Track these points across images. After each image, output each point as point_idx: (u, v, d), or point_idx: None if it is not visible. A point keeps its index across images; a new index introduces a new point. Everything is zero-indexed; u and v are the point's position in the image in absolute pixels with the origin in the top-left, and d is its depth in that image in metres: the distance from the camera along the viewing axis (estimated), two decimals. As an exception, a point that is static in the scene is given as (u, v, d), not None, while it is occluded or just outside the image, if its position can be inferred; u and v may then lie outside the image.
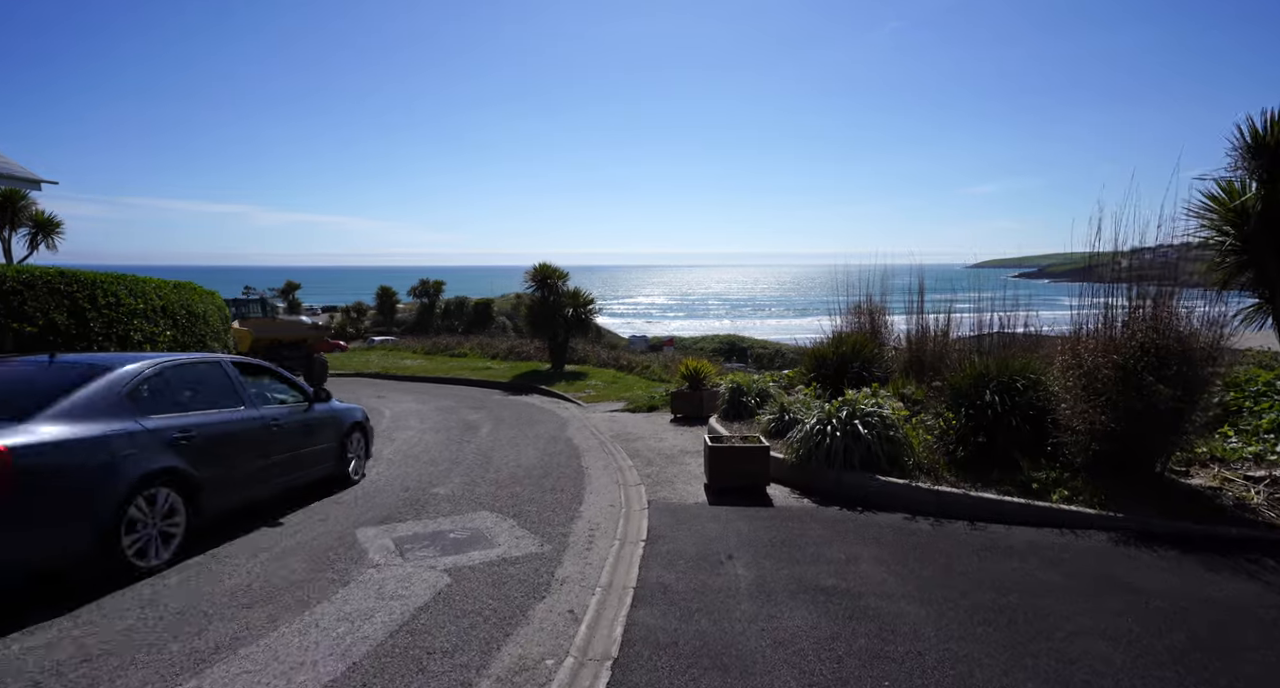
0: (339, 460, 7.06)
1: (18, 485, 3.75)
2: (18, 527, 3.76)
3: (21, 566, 3.89)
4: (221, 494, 5.25)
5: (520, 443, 9.93)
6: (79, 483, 4.10)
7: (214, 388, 5.60)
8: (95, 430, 4.28)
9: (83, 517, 4.08)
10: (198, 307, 10.88)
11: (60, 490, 4.01)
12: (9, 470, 3.72)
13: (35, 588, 4.09)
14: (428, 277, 54.40)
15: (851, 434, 6.75)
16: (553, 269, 21.10)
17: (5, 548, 3.72)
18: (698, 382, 12.47)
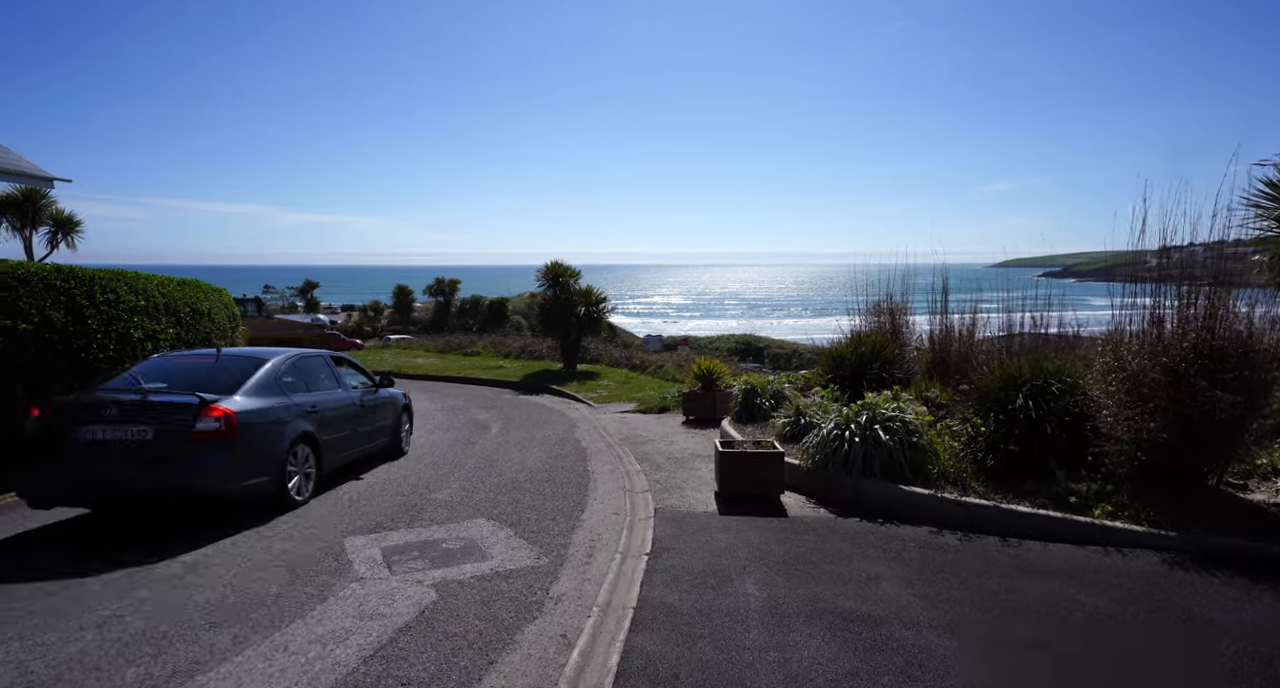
0: (394, 435, 8.73)
1: (239, 436, 5.54)
2: (241, 464, 5.58)
3: (244, 491, 5.64)
4: (333, 454, 7.04)
5: (527, 445, 9.62)
6: (267, 437, 5.92)
7: (321, 375, 7.38)
8: (269, 403, 6.12)
9: (270, 460, 5.90)
10: (202, 304, 10.71)
11: (258, 441, 5.80)
12: (234, 423, 5.54)
13: (244, 511, 5.87)
14: (443, 276, 54.55)
15: (872, 440, 6.34)
16: (565, 267, 20.81)
17: (234, 478, 5.54)
18: (711, 382, 12.09)
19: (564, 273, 20.75)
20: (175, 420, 5.37)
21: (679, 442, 9.90)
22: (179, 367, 6.55)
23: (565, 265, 20.86)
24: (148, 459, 5.26)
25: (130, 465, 5.26)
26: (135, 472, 5.24)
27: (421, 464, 8.24)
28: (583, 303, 20.44)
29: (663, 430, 10.97)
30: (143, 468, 5.25)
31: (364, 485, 7.09)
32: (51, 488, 5.39)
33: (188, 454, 5.30)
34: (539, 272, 20.88)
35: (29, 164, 13.22)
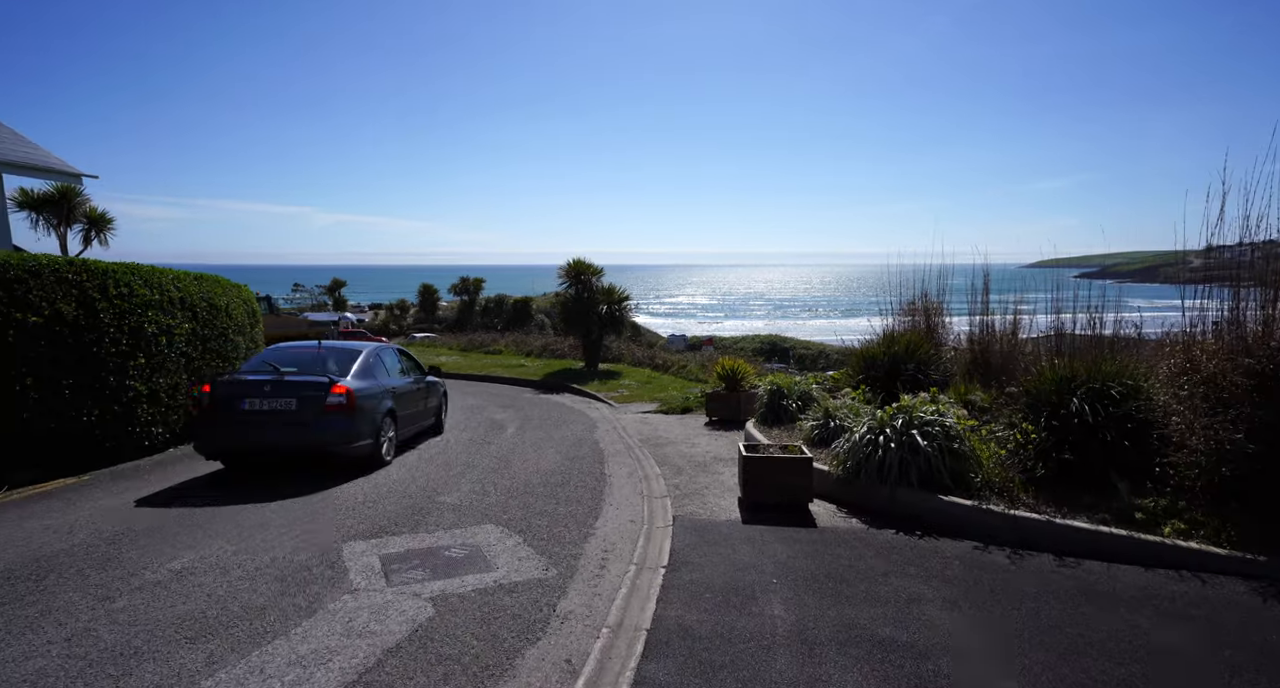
0: (438, 416, 10.41)
1: (356, 407, 7.23)
2: (356, 430, 7.24)
3: (355, 450, 7.31)
4: (404, 427, 8.69)
5: (543, 446, 9.30)
6: (370, 409, 7.53)
7: (394, 364, 8.95)
8: (369, 384, 7.79)
9: (372, 427, 7.53)
10: (220, 300, 10.62)
11: (365, 412, 7.42)
12: (353, 398, 7.22)
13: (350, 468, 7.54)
14: (470, 275, 54.83)
15: (908, 446, 5.87)
16: (587, 265, 20.50)
17: (351, 439, 7.20)
18: (735, 383, 11.65)
19: (586, 271, 20.45)
20: (312, 395, 7.13)
21: (701, 444, 9.49)
22: (291, 355, 8.08)
23: (587, 263, 20.56)
24: (291, 424, 7.07)
25: (278, 428, 7.08)
26: (282, 433, 7.08)
27: (433, 465, 7.97)
28: (605, 301, 20.11)
29: (684, 432, 10.57)
30: (287, 430, 7.08)
31: (371, 485, 6.84)
32: (221, 443, 7.28)
33: (321, 420, 7.08)
34: (560, 269, 20.61)
35: (58, 161, 13.32)
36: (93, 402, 7.81)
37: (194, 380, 9.58)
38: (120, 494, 6.57)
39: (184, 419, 9.49)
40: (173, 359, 9.15)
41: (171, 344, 9.10)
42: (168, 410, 9.09)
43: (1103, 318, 6.43)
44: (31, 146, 13.13)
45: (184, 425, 9.53)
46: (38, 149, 13.18)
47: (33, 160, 12.45)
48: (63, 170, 13.30)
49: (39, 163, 12.66)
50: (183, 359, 9.42)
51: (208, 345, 10.14)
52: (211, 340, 10.27)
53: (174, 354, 9.17)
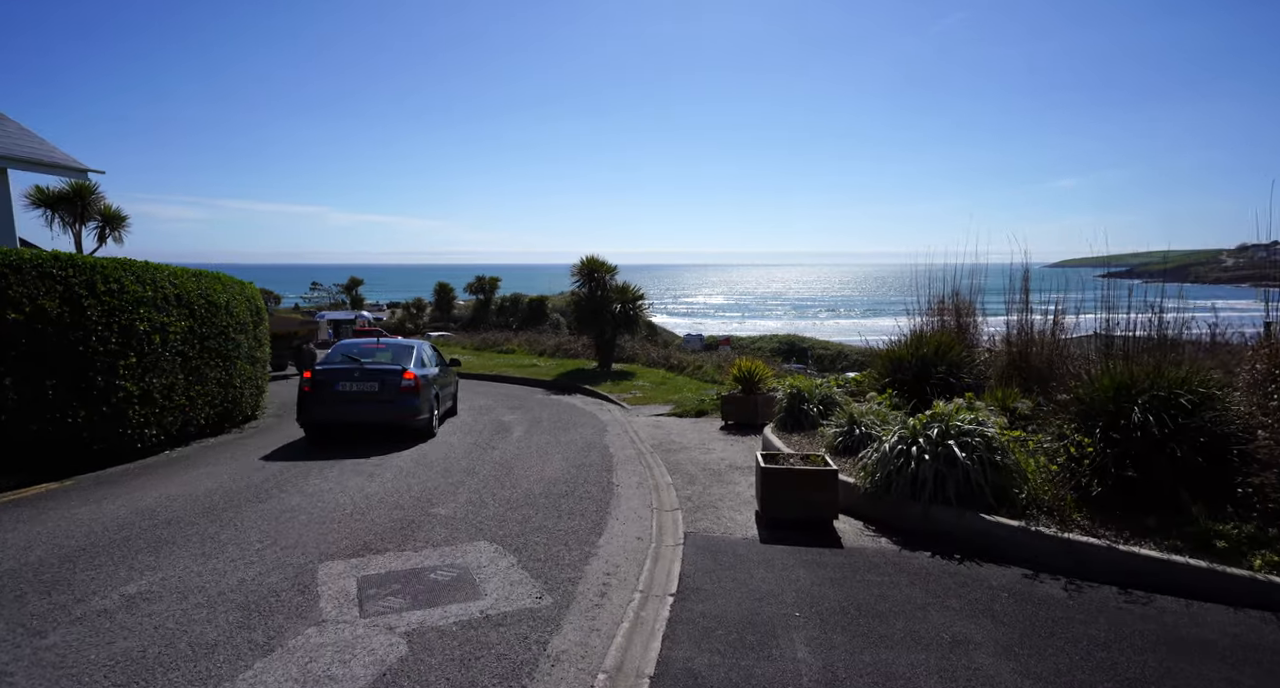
0: (454, 400, 12.28)
1: (419, 389, 9.30)
2: (419, 406, 9.32)
3: (418, 423, 9.41)
4: (440, 406, 10.58)
5: (549, 451, 8.83)
6: (426, 391, 9.54)
7: (430, 356, 10.89)
8: (424, 372, 9.81)
9: (427, 405, 9.56)
10: (219, 297, 10.30)
11: (424, 393, 9.43)
12: (418, 382, 9.33)
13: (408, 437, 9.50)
14: (486, 274, 54.74)
15: (945, 458, 5.30)
16: (600, 263, 20.03)
17: (416, 414, 9.30)
18: (751, 385, 11.09)
19: (599, 268, 19.98)
20: (391, 380, 9.28)
21: (716, 450, 8.96)
22: (361, 349, 10.32)
23: (601, 261, 20.09)
24: (375, 401, 9.23)
25: (365, 405, 9.23)
26: (367, 408, 9.25)
27: (432, 471, 7.53)
28: (619, 300, 19.63)
29: (699, 437, 10.05)
30: (371, 406, 9.25)
31: (362, 495, 6.42)
32: (322, 417, 9.34)
33: (397, 399, 9.25)
34: (573, 267, 20.16)
35: (65, 156, 13.12)
36: (79, 403, 7.48)
37: (191, 379, 9.32)
38: (97, 502, 6.20)
39: (180, 421, 9.21)
40: (167, 358, 8.82)
41: (166, 343, 8.77)
42: (162, 412, 8.76)
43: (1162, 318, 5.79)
44: (39, 142, 12.95)
45: (180, 428, 9.23)
46: (44, 144, 12.99)
47: (40, 156, 12.25)
48: (70, 166, 13.09)
49: (45, 158, 12.45)
50: (178, 358, 9.09)
51: (206, 344, 9.82)
52: (210, 339, 9.95)
53: (169, 353, 8.84)
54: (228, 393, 10.57)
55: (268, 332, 13.83)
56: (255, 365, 11.97)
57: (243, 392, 11.22)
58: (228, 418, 10.78)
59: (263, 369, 12.66)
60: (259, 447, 9.29)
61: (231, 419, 10.96)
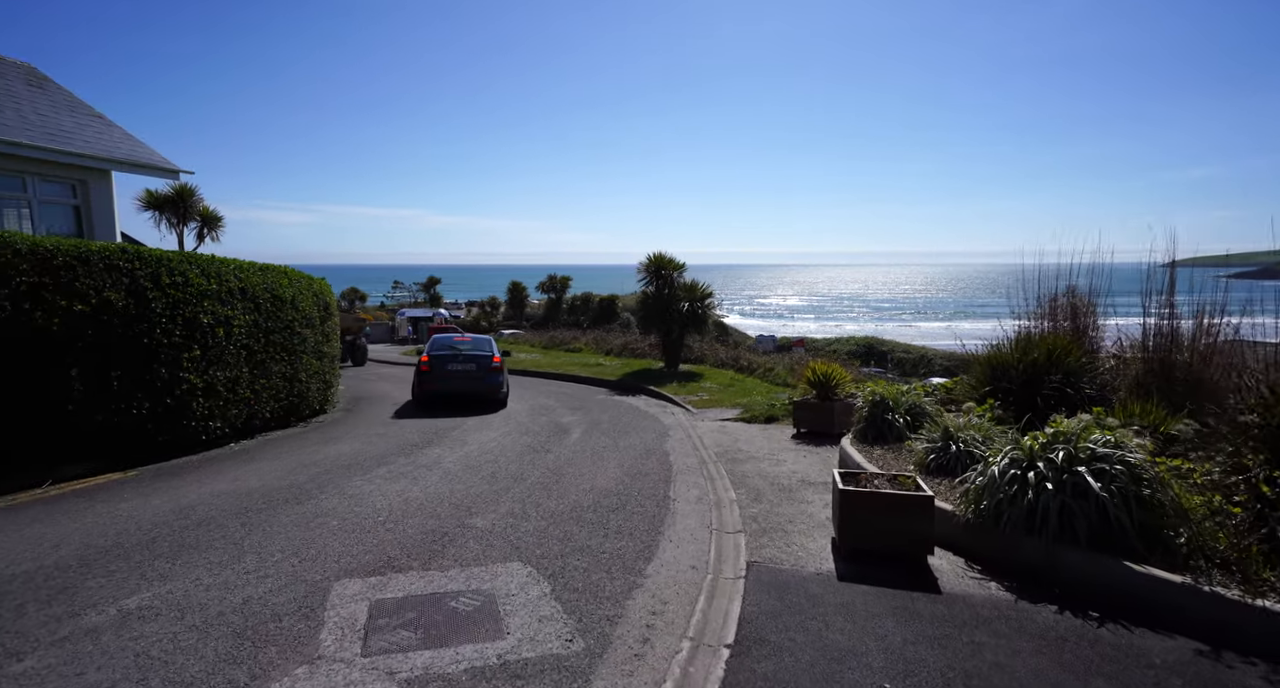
0: (506, 385, 13.44)
1: (501, 369, 12.91)
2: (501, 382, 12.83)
3: (499, 395, 12.77)
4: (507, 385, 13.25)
5: (605, 458, 8.26)
6: (503, 372, 12.95)
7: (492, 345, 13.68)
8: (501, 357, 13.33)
9: (504, 382, 12.85)
10: (285, 291, 10.36)
11: (502, 373, 12.88)
12: (501, 364, 13.06)
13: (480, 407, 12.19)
14: (567, 274, 55.41)
15: (1073, 488, 4.31)
16: (667, 260, 19.38)
17: (499, 389, 12.71)
18: (828, 390, 10.13)
19: (666, 266, 19.33)
20: (485, 362, 12.45)
21: (787, 462, 8.12)
22: (453, 341, 13.53)
23: (668, 257, 19.43)
24: (472, 378, 12.35)
25: (465, 380, 12.33)
26: (467, 383, 12.32)
27: (478, 476, 7.10)
28: (686, 298, 18.91)
29: (768, 445, 9.21)
30: (470, 381, 12.34)
31: (401, 499, 6.04)
32: (436, 389, 12.40)
33: (487, 376, 12.42)
34: (640, 265, 19.59)
35: (160, 158, 13.73)
36: (143, 394, 7.54)
37: (256, 373, 9.38)
38: (145, 497, 6.11)
39: (245, 414, 9.29)
40: (231, 352, 8.87)
41: (230, 336, 8.82)
42: (226, 405, 8.82)
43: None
44: (137, 144, 13.60)
45: (245, 421, 9.30)
46: (142, 146, 13.63)
47: (138, 157, 12.82)
48: (164, 166, 13.68)
49: (144, 160, 13.03)
50: (242, 352, 9.15)
51: (271, 338, 9.88)
52: (275, 333, 10.01)
53: (233, 347, 8.89)
54: (293, 387, 10.64)
55: (337, 327, 14.06)
56: (323, 360, 12.07)
57: (309, 386, 11.30)
58: (294, 412, 10.86)
59: (331, 364, 12.79)
60: (318, 441, 9.22)
61: (298, 413, 11.04)
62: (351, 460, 7.81)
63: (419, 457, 8.09)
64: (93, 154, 11.84)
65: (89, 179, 12.13)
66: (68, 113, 12.83)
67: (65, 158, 11.34)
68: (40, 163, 11.01)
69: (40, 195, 11.47)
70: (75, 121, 12.64)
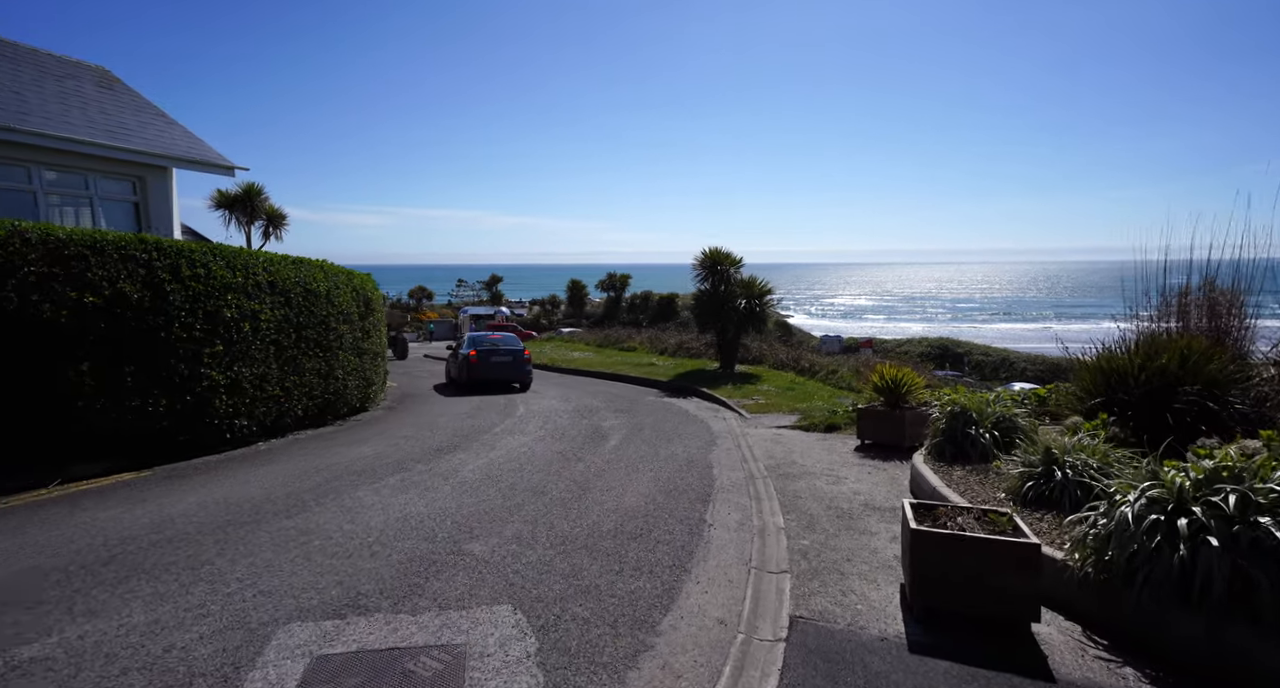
0: (530, 376, 16.04)
1: (530, 360, 16.00)
2: (528, 371, 15.80)
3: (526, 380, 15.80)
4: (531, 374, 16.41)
5: (640, 469, 7.41)
6: (529, 362, 15.91)
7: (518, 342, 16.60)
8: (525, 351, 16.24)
9: (530, 370, 15.89)
10: (319, 285, 10.05)
11: (529, 364, 15.88)
12: (529, 356, 16.13)
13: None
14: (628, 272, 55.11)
15: (1250, 546, 3.15)
16: (724, 255, 18.33)
17: (526, 375, 15.74)
18: (897, 397, 8.91)
19: (723, 261, 18.28)
20: (518, 354, 15.42)
21: (848, 479, 7.03)
22: (489, 339, 16.21)
23: (725, 252, 18.38)
24: (509, 366, 15.23)
25: (506, 369, 15.17)
26: (505, 371, 15.18)
27: (496, 488, 6.39)
28: (743, 295, 17.82)
29: (827, 459, 8.12)
30: (507, 369, 15.21)
31: (400, 515, 5.39)
32: (480, 376, 15.07)
33: (520, 366, 15.35)
34: (695, 260, 18.62)
35: (216, 154, 13.86)
36: (160, 391, 7.26)
37: (287, 369, 9.06)
38: (137, 503, 5.71)
39: (275, 412, 9.00)
40: (259, 347, 8.56)
41: (257, 331, 8.51)
42: (253, 402, 8.51)
43: None
44: (195, 141, 13.77)
45: (275, 419, 9.01)
46: (200, 143, 13.79)
47: (196, 154, 12.94)
48: (221, 163, 13.79)
49: (200, 157, 13.15)
50: (272, 347, 8.83)
51: (303, 334, 9.56)
52: (308, 329, 9.69)
53: (260, 342, 8.58)
54: (328, 385, 10.33)
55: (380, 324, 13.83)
56: (362, 357, 11.77)
57: (346, 383, 10.99)
58: (330, 410, 10.56)
59: (374, 362, 12.49)
60: (345, 443, 8.80)
61: (335, 411, 10.75)
62: (368, 466, 7.28)
63: (439, 463, 7.48)
64: (150, 151, 11.93)
65: (147, 175, 12.25)
66: (132, 112, 13.04)
67: (125, 154, 11.44)
68: (102, 160, 11.13)
69: (101, 192, 11.64)
70: (138, 120, 12.83)
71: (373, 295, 12.90)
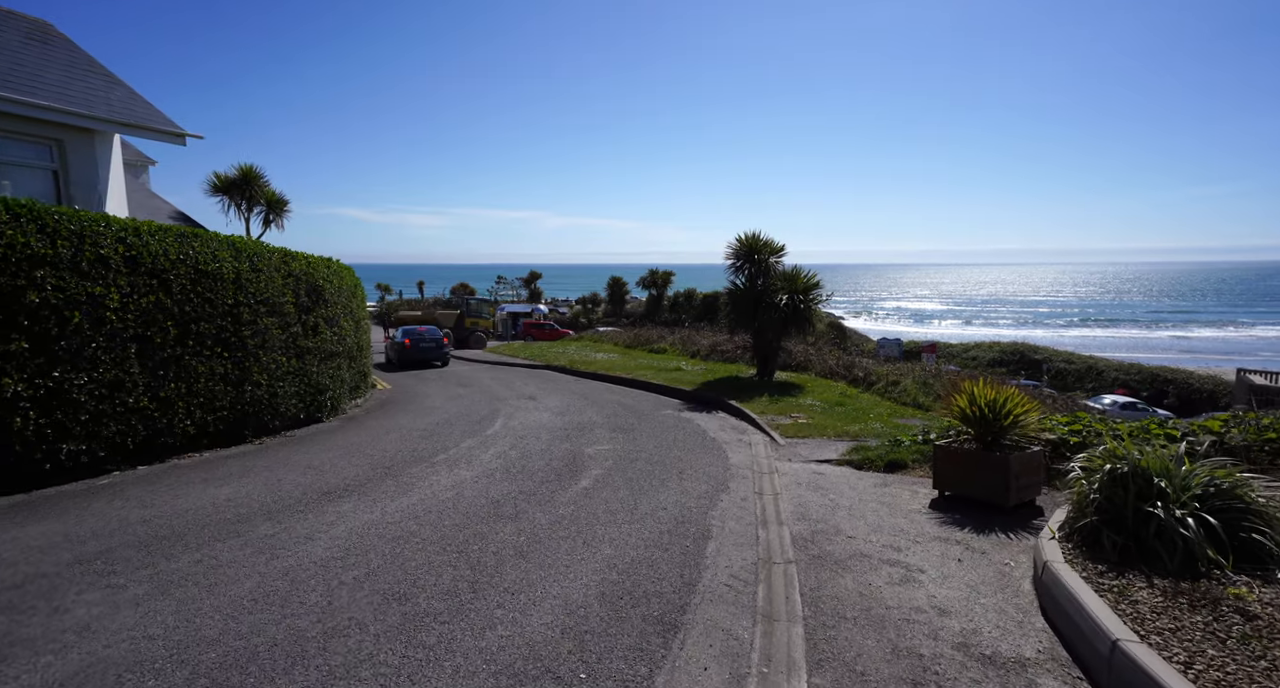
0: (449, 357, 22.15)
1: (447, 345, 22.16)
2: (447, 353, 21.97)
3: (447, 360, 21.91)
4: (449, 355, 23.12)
5: (597, 539, 4.82)
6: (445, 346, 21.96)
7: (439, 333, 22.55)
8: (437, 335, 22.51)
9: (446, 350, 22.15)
10: (221, 266, 7.85)
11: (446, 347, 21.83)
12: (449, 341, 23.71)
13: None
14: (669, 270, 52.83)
15: None
16: (762, 242, 15.49)
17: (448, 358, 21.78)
18: (996, 429, 6.01)
19: (761, 249, 15.45)
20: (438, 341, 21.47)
21: (925, 575, 4.25)
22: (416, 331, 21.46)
23: (763, 239, 15.54)
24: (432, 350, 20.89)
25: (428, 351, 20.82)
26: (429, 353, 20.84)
27: (328, 584, 3.91)
28: (785, 289, 14.94)
29: (889, 522, 5.34)
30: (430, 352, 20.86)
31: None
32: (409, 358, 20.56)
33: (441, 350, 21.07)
34: (728, 248, 15.83)
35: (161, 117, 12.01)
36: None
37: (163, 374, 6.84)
38: None
39: (143, 430, 6.78)
40: (106, 345, 6.33)
41: (101, 323, 6.32)
42: (96, 419, 6.23)
43: None
44: (136, 103, 11.94)
45: (144, 439, 6.83)
46: (140, 104, 11.95)
47: (121, 116, 11.08)
48: (162, 128, 11.90)
49: (132, 120, 11.29)
50: (132, 345, 6.61)
51: (193, 328, 7.34)
52: (203, 321, 7.46)
53: (106, 338, 6.33)
54: (241, 393, 8.16)
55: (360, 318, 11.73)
56: (306, 358, 9.62)
57: (276, 391, 8.83)
58: (251, 424, 8.41)
59: (327, 364, 10.33)
60: (205, 479, 6.52)
61: (260, 425, 8.59)
62: (177, 530, 4.92)
63: (305, 520, 5.10)
64: (67, 109, 10.06)
65: (67, 139, 10.42)
66: (61, 68, 11.21)
67: (30, 111, 9.58)
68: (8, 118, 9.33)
69: (4, 156, 9.85)
70: (66, 77, 10.98)
71: (329, 283, 10.74)
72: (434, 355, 20.90)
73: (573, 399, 13.14)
